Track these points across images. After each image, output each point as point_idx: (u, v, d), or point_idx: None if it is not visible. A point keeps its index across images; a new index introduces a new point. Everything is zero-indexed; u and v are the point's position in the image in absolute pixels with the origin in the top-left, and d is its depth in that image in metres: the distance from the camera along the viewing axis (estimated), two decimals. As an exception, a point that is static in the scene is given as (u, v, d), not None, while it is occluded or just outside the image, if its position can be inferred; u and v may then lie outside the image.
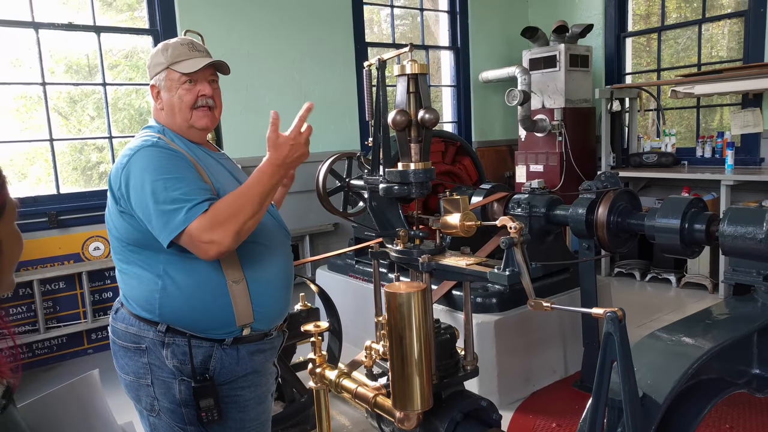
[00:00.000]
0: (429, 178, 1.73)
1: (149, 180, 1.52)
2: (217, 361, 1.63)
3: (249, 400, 1.70)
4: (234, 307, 1.62)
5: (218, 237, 1.47)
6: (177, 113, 1.70)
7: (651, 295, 5.37)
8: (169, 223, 1.48)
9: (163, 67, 1.69)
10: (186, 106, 1.69)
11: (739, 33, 5.83)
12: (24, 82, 4.61)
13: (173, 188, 1.50)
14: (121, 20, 5.17)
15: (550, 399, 3.42)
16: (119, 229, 1.63)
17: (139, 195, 1.53)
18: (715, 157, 5.70)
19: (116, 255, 1.68)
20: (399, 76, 1.72)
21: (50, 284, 4.33)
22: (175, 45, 1.70)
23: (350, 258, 4.35)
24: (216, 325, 1.62)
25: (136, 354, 1.64)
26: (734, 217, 2.25)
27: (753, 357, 1.73)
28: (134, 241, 1.61)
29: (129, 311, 1.66)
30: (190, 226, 1.47)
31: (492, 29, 6.90)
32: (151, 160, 1.55)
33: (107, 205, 1.68)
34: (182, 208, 1.48)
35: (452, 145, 4.26)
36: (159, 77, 1.70)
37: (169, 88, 1.70)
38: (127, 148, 1.64)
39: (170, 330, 1.61)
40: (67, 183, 5.00)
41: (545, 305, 1.45)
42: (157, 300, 1.59)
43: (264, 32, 5.22)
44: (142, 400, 1.67)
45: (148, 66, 1.74)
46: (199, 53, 1.72)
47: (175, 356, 1.60)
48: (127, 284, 1.67)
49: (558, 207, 3.34)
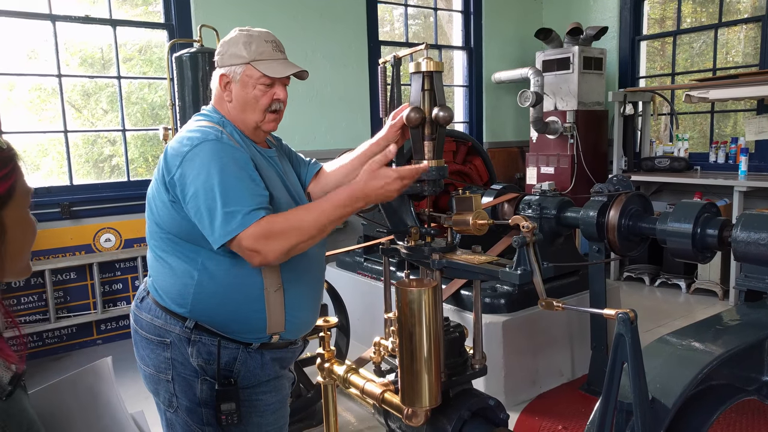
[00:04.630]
0: (442, 176, 1.72)
1: (208, 177, 1.47)
2: (241, 364, 1.60)
3: (269, 405, 1.68)
4: (267, 314, 1.59)
5: (266, 249, 1.44)
6: (249, 112, 1.64)
7: (660, 301, 5.34)
8: (224, 225, 1.44)
9: (244, 61, 1.61)
10: (261, 107, 1.64)
11: (756, 38, 5.77)
12: (40, 73, 4.65)
13: (232, 190, 1.46)
14: (136, 14, 5.20)
15: (556, 401, 3.41)
16: (163, 217, 1.57)
17: (194, 190, 1.48)
18: (729, 163, 5.65)
19: (153, 241, 1.63)
20: (414, 73, 1.72)
21: (61, 274, 4.38)
22: (259, 40, 1.63)
23: (359, 255, 4.36)
24: (246, 329, 1.59)
25: (159, 347, 1.61)
26: (748, 222, 2.23)
27: (764, 364, 1.71)
28: (178, 233, 1.56)
29: (156, 302, 1.62)
30: (243, 232, 1.43)
31: (505, 30, 6.87)
32: (213, 157, 1.49)
33: (152, 190, 1.62)
34: (238, 213, 1.44)
35: (464, 145, 4.25)
36: (235, 69, 1.62)
37: (244, 84, 1.62)
38: (185, 137, 1.56)
39: (198, 327, 1.57)
40: (78, 175, 5.03)
41: (556, 305, 1.44)
42: (191, 294, 1.55)
43: (278, 28, 5.16)
44: (161, 395, 1.64)
45: (222, 53, 1.65)
46: (281, 55, 1.66)
47: (200, 355, 1.57)
48: (160, 273, 1.62)
49: (569, 209, 3.32)
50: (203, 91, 3.67)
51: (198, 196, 1.47)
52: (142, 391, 1.74)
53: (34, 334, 4.28)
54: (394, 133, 1.80)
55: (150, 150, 5.99)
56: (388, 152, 1.60)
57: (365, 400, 1.98)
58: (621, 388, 1.31)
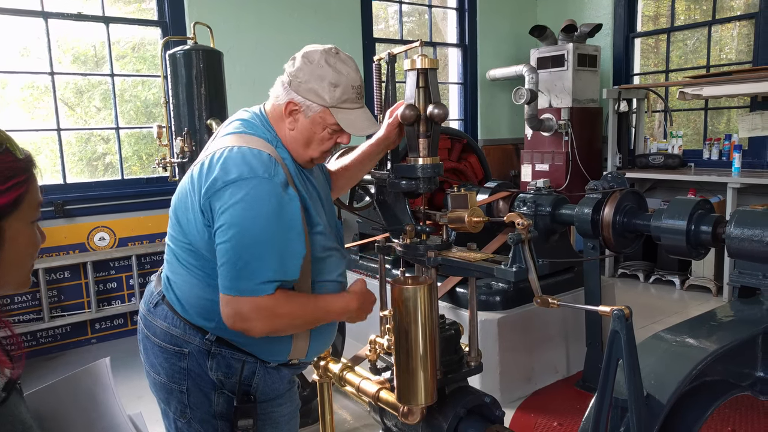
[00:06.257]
0: (437, 174, 1.73)
1: (243, 221, 1.38)
2: (260, 379, 1.57)
3: (283, 416, 1.67)
4: (292, 344, 1.57)
5: (259, 324, 1.41)
6: (309, 148, 1.56)
7: (654, 297, 5.36)
8: (236, 280, 1.39)
9: (323, 104, 1.50)
10: (323, 148, 1.57)
11: (749, 36, 5.79)
12: (32, 71, 4.62)
13: (265, 248, 1.39)
14: (129, 12, 5.17)
15: (551, 398, 3.42)
16: (195, 236, 1.48)
17: (226, 226, 1.39)
18: (722, 160, 5.68)
19: (181, 252, 1.53)
20: (409, 70, 1.71)
21: (55, 273, 4.35)
22: (345, 87, 1.52)
23: (354, 253, 4.36)
24: (268, 351, 1.56)
25: (174, 357, 1.54)
26: (741, 219, 2.24)
27: (757, 360, 1.72)
28: (213, 257, 1.46)
29: (175, 312, 1.54)
30: (250, 298, 1.39)
31: (500, 27, 6.88)
32: (259, 202, 1.39)
33: (182, 200, 1.52)
34: (256, 276, 1.38)
35: (458, 143, 4.25)
36: (310, 106, 1.51)
37: (315, 123, 1.52)
38: (233, 161, 1.42)
39: (219, 340, 1.52)
40: (72, 173, 5.00)
41: (551, 302, 1.45)
42: (218, 312, 1.45)
43: (272, 26, 5.22)
44: (172, 404, 1.58)
45: (301, 80, 1.51)
46: (361, 102, 1.58)
47: (220, 368, 1.52)
48: (186, 283, 1.53)
49: (564, 206, 3.33)
50: (197, 88, 3.65)
51: (227, 237, 1.39)
52: (134, 391, 1.72)
53: (28, 334, 4.25)
54: (392, 132, 1.79)
55: (144, 148, 5.95)
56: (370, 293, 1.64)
57: (361, 398, 1.98)
58: (616, 385, 1.32)
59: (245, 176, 1.40)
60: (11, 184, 0.87)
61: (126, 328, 4.68)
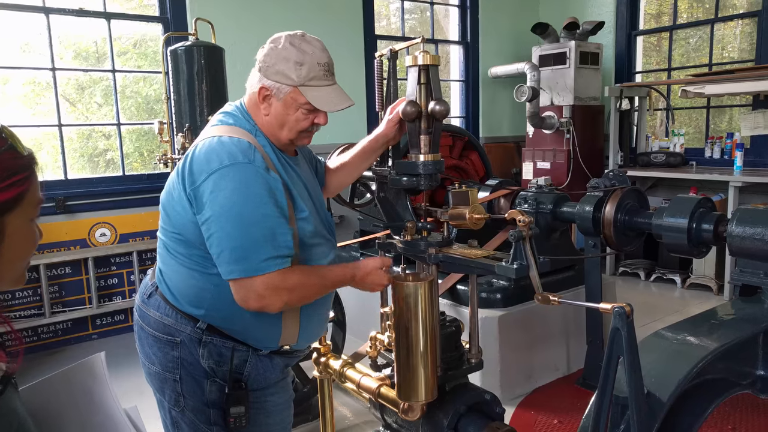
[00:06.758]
0: (438, 170, 1.72)
1: (232, 206, 1.42)
2: (252, 367, 1.59)
3: (276, 405, 1.68)
4: (283, 328, 1.59)
5: (272, 300, 1.44)
6: (285, 129, 1.58)
7: (655, 296, 5.36)
8: (239, 262, 1.42)
9: (292, 83, 1.52)
10: (299, 129, 1.58)
11: (752, 34, 5.78)
12: (34, 67, 4.62)
13: (256, 227, 1.42)
14: (130, 8, 5.16)
15: (552, 395, 3.42)
16: (185, 226, 1.51)
17: (215, 215, 1.43)
18: (724, 158, 5.67)
19: (170, 242, 1.57)
20: (410, 66, 1.71)
21: (56, 269, 4.36)
22: (311, 64, 1.53)
23: (355, 250, 4.35)
24: (258, 338, 1.58)
25: (167, 346, 1.57)
26: (743, 217, 2.24)
27: (758, 358, 1.72)
28: (201, 245, 1.50)
29: (167, 301, 1.58)
30: (260, 276, 1.42)
31: (502, 24, 6.86)
32: (244, 185, 1.43)
33: (170, 194, 1.56)
34: (258, 254, 1.41)
35: (460, 140, 4.25)
36: (280, 88, 1.53)
37: (287, 105, 1.55)
38: (215, 151, 1.47)
39: (210, 329, 1.55)
40: (73, 169, 5.01)
41: (552, 299, 1.45)
42: (208, 300, 1.52)
43: (273, 22, 5.20)
44: (167, 393, 1.60)
45: (268, 64, 1.53)
46: (332, 80, 1.59)
47: (211, 357, 1.55)
48: (176, 273, 1.57)
49: (565, 204, 3.33)
50: (198, 84, 3.65)
51: (217, 224, 1.43)
52: (136, 386, 1.73)
53: (29, 329, 4.26)
54: (391, 129, 1.79)
55: (145, 144, 5.96)
56: (387, 262, 1.66)
57: (361, 394, 1.98)
58: (616, 383, 1.31)
59: (226, 164, 1.44)
60: (13, 181, 0.87)
61: (127, 323, 4.68)
